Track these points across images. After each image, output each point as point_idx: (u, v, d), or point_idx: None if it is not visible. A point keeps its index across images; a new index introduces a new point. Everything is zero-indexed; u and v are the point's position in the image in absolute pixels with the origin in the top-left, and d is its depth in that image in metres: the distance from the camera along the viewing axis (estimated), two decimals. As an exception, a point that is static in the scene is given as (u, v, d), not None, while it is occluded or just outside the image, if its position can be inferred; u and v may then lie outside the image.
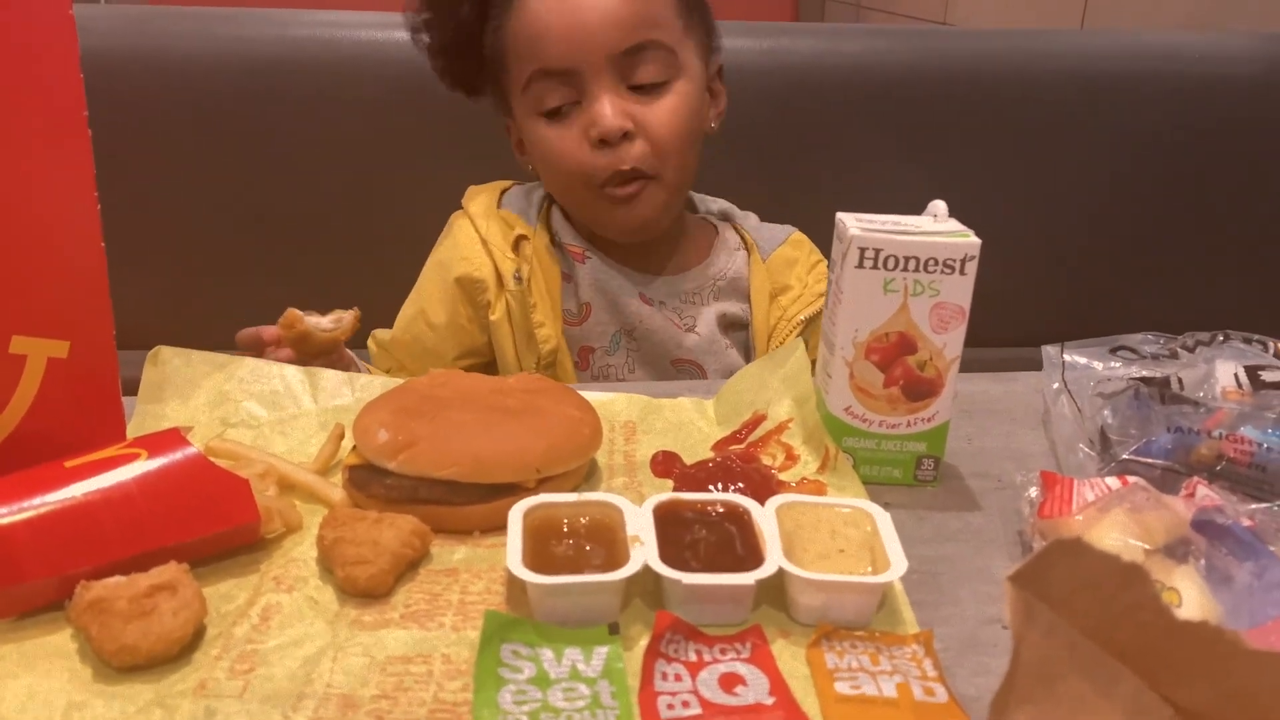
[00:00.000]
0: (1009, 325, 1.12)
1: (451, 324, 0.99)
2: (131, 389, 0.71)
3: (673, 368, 1.00)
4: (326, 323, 0.82)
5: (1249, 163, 1.32)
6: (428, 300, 1.00)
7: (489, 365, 1.02)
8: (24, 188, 0.59)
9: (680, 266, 1.03)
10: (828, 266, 0.70)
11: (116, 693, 0.49)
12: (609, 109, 0.89)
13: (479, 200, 1.01)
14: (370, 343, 1.04)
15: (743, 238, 1.05)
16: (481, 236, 0.98)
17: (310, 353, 0.83)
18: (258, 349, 0.84)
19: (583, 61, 0.90)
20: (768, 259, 1.03)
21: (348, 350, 0.91)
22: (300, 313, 0.82)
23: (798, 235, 1.06)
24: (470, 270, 0.97)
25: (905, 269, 0.65)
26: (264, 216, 1.23)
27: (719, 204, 1.09)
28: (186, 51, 1.21)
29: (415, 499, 0.62)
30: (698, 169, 0.99)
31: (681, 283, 1.02)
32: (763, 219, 1.09)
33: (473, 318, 0.99)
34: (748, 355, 1.02)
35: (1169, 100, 1.31)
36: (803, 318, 0.99)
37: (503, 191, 1.04)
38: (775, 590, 0.56)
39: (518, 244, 0.98)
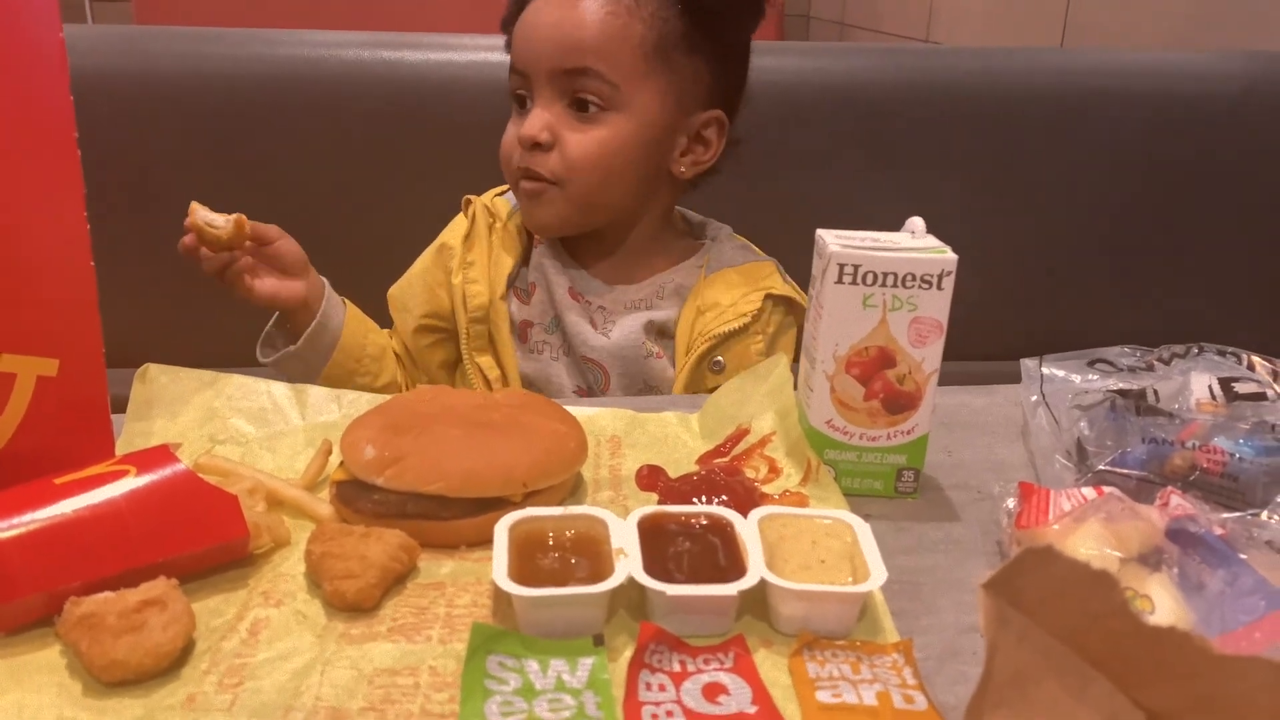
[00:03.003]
0: (989, 339, 1.13)
1: (424, 283, 1.08)
2: (120, 406, 0.71)
3: (581, 363, 1.04)
4: (219, 221, 0.90)
5: (1226, 179, 1.34)
6: (418, 263, 1.10)
7: (453, 335, 1.07)
8: (14, 207, 0.59)
9: (636, 279, 1.06)
10: (809, 283, 0.71)
11: (106, 707, 0.49)
12: (535, 118, 0.97)
13: (496, 188, 1.10)
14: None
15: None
16: (474, 214, 1.08)
17: (210, 246, 0.91)
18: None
19: (532, 70, 0.98)
20: (710, 275, 1.04)
21: (317, 275, 1.00)
22: (198, 204, 0.90)
23: (761, 265, 1.05)
24: (449, 239, 1.08)
25: (884, 284, 0.66)
26: (251, 235, 1.23)
27: (720, 230, 1.10)
28: (173, 71, 1.22)
29: (402, 514, 0.63)
30: (636, 201, 1.02)
31: (628, 293, 1.05)
32: (747, 236, 1.10)
33: (441, 282, 1.07)
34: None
35: (1147, 118, 1.33)
36: (717, 333, 0.99)
37: None
38: (758, 601, 0.56)
39: (467, 206, 1.08)
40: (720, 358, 1.00)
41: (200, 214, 0.90)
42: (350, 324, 1.03)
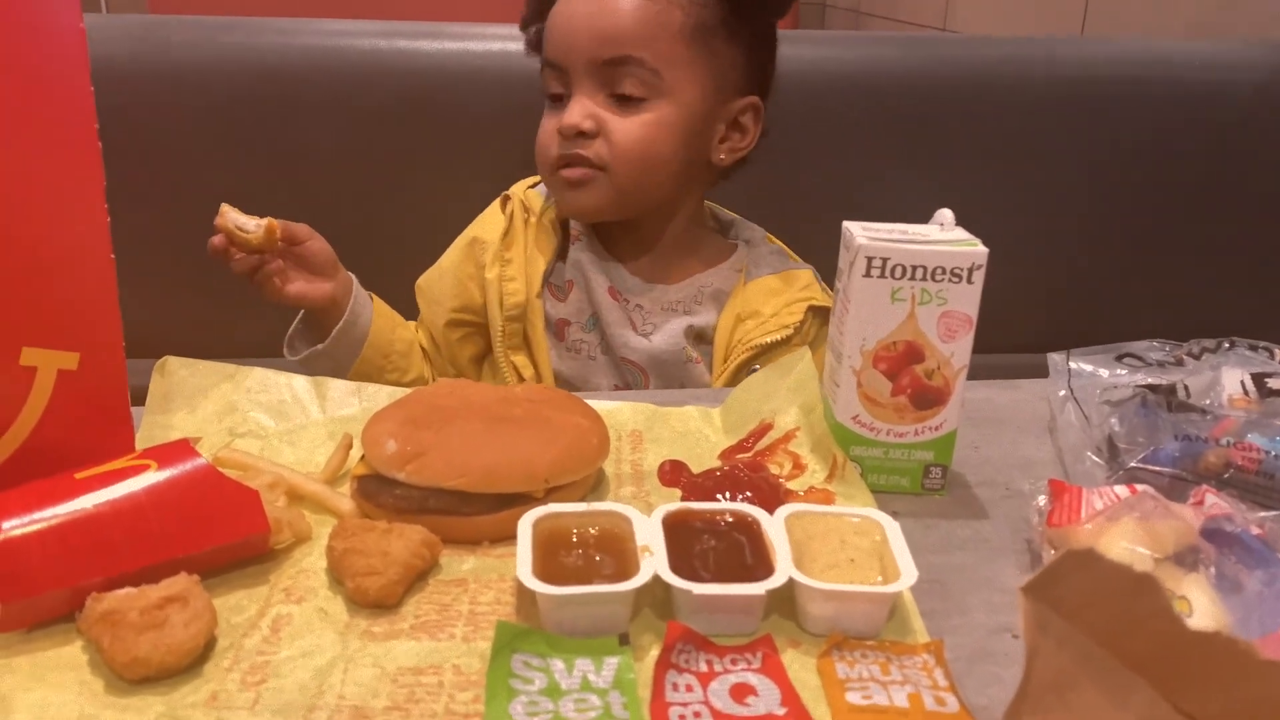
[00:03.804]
0: (1015, 332, 1.12)
1: (455, 276, 1.07)
2: (140, 398, 0.71)
3: (620, 363, 1.03)
4: (250, 225, 0.89)
5: (1252, 169, 1.32)
6: (448, 255, 1.09)
7: (483, 328, 1.06)
8: (35, 199, 0.59)
9: (673, 279, 1.05)
10: (836, 276, 0.70)
11: (128, 704, 0.49)
12: (576, 107, 0.97)
13: (527, 180, 1.10)
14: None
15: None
16: (511, 211, 1.07)
17: (241, 249, 0.91)
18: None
19: (570, 62, 0.97)
20: (750, 282, 1.03)
21: (346, 273, 1.00)
22: (228, 207, 0.89)
23: (799, 274, 1.05)
24: (482, 233, 1.06)
25: (912, 278, 0.65)
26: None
27: (754, 232, 1.09)
28: (189, 61, 1.21)
29: (424, 509, 0.62)
30: (676, 190, 1.02)
31: (668, 294, 1.04)
32: (767, 229, 1.10)
33: (472, 275, 1.06)
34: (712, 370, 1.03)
35: (1171, 107, 1.31)
36: (759, 343, 0.99)
37: None
38: (785, 600, 0.56)
39: (505, 202, 1.07)
40: (759, 367, 0.97)
41: (230, 216, 0.89)
42: (378, 320, 1.02)
